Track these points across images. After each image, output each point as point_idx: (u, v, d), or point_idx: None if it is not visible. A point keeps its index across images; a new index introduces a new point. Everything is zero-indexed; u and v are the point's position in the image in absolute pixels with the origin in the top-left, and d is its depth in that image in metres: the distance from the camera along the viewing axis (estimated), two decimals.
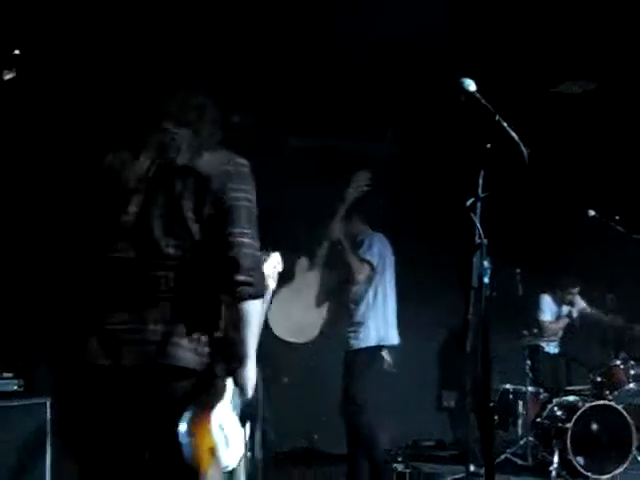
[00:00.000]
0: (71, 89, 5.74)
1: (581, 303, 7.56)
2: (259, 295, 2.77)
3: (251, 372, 2.85)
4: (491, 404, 2.91)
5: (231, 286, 2.70)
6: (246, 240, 2.71)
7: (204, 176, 2.73)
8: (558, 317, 7.54)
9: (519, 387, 6.81)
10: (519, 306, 6.86)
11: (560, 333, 7.49)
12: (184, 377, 2.65)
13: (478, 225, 2.83)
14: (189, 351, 2.65)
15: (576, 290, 7.52)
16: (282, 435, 6.65)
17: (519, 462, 6.45)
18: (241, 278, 2.68)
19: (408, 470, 6.58)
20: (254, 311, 2.76)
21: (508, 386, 6.90)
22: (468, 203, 2.87)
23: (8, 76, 5.91)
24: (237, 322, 2.76)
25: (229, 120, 6.76)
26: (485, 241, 2.82)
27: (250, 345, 2.81)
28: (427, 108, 6.47)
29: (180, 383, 2.65)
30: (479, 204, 2.86)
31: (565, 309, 7.57)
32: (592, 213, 5.20)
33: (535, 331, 6.99)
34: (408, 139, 7.29)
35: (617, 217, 5.23)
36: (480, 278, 2.80)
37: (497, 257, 2.86)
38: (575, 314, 7.58)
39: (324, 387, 7.33)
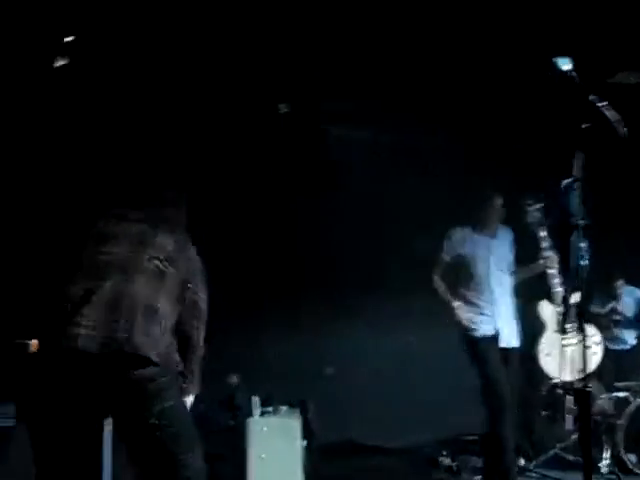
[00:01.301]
0: None
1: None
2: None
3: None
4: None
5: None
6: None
7: None
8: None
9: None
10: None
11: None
12: (146, 366, 2.84)
13: (576, 206, 2.78)
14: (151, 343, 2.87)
15: (620, 283, 7.44)
16: (325, 427, 6.63)
17: (569, 458, 6.34)
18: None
19: (455, 463, 6.53)
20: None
21: (556, 380, 6.79)
22: (564, 185, 2.81)
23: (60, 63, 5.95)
24: (194, 319, 3.15)
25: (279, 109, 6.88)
26: (582, 222, 2.76)
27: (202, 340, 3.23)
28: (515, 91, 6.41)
29: (142, 371, 2.83)
30: (576, 185, 2.80)
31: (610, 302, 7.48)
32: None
33: None
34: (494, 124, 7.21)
35: None
36: (578, 258, 2.74)
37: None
38: (620, 307, 7.48)
39: (368, 379, 7.34)
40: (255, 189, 7.16)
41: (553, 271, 5.51)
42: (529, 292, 5.81)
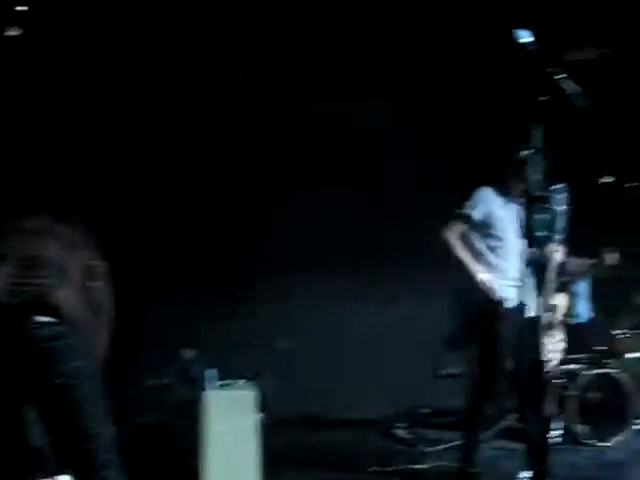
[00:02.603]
0: None
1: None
2: None
3: None
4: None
5: None
6: None
7: None
8: None
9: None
10: None
11: None
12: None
13: (532, 177, 2.79)
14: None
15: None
16: (283, 400, 6.64)
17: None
18: None
19: (409, 435, 6.59)
20: None
21: None
22: (523, 156, 2.82)
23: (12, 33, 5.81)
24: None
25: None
26: (541, 193, 2.77)
27: None
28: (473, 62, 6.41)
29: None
30: (534, 156, 2.81)
31: None
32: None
33: None
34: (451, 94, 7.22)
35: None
36: (531, 231, 2.76)
37: None
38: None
39: (325, 352, 7.36)
40: (201, 165, 7.10)
41: None
42: None
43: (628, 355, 6.66)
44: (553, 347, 5.85)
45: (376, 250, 7.45)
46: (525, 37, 2.86)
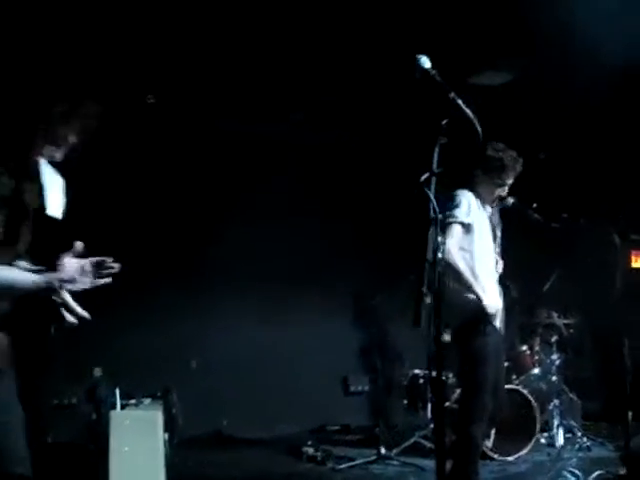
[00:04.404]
0: None
1: None
2: None
3: None
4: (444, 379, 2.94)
5: None
6: None
7: None
8: None
9: (428, 372, 6.91)
10: None
11: None
12: None
13: (433, 200, 2.85)
14: None
15: None
16: (191, 419, 6.59)
17: (428, 445, 6.54)
18: None
19: (319, 453, 6.61)
20: None
21: (418, 371, 7.01)
22: (422, 178, 2.89)
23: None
24: None
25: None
26: (440, 216, 2.84)
27: None
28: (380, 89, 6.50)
29: None
30: (434, 179, 2.88)
31: None
32: (511, 201, 5.30)
33: None
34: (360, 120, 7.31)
35: (535, 205, 5.36)
36: (435, 252, 2.82)
37: None
38: None
39: (235, 371, 7.33)
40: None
41: None
42: None
43: (533, 371, 6.84)
44: None
45: (288, 271, 7.51)
46: (426, 63, 2.92)
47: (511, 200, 5.17)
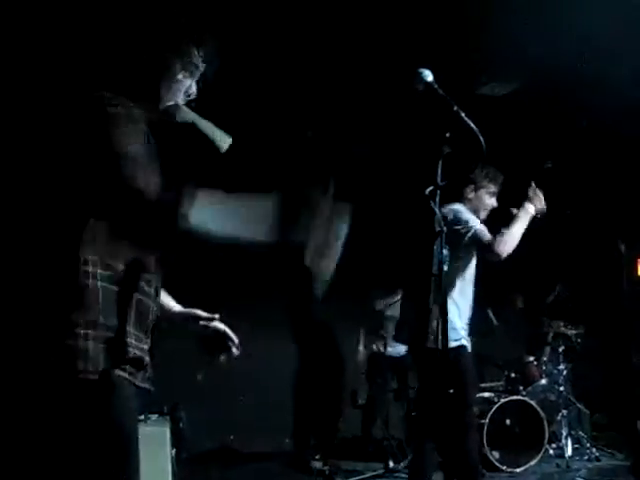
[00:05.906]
0: None
1: None
2: None
3: None
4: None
5: None
6: None
7: None
8: None
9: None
10: None
11: None
12: None
13: (438, 213, 2.85)
14: None
15: None
16: (198, 435, 6.57)
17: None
18: None
19: (327, 467, 6.58)
20: None
21: None
22: (427, 191, 2.88)
23: None
24: None
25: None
26: (445, 229, 2.83)
27: None
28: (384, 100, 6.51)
29: None
30: (438, 192, 2.87)
31: None
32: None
33: None
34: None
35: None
36: (440, 266, 2.81)
37: None
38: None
39: (242, 385, 7.30)
40: None
41: None
42: None
43: (539, 382, 6.82)
44: None
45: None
46: (428, 76, 2.92)
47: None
